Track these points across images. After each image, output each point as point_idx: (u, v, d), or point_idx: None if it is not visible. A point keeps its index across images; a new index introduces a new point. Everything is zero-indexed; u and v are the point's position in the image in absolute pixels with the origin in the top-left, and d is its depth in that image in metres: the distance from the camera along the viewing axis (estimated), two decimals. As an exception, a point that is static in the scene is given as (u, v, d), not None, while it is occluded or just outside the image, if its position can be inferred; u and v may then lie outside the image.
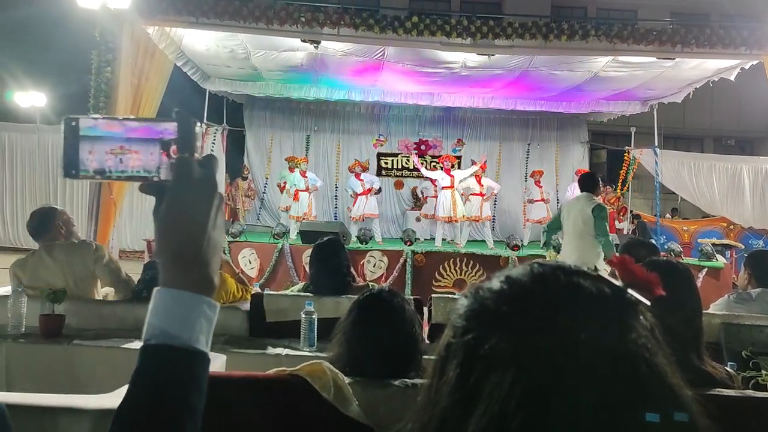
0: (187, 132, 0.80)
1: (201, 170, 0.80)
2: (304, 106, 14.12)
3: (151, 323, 0.75)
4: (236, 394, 1.88)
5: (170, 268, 0.77)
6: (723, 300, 3.85)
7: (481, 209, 11.17)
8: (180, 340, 0.74)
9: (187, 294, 0.76)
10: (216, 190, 0.80)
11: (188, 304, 0.76)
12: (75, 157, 0.78)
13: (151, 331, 0.75)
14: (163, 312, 0.75)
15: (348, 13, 8.68)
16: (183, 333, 0.75)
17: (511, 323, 0.61)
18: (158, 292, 0.77)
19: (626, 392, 0.56)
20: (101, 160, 0.78)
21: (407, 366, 1.96)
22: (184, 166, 0.79)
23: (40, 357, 3.12)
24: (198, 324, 0.76)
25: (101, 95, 8.15)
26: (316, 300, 3.36)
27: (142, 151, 0.79)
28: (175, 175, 0.79)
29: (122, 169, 0.79)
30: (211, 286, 0.79)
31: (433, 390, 0.65)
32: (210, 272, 0.79)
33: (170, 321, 0.75)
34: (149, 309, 0.76)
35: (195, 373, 0.76)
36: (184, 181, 0.78)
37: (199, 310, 0.76)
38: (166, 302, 0.76)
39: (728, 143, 20.68)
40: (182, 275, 0.77)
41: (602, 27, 8.93)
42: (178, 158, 0.79)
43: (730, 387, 1.96)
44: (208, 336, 0.77)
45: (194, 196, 0.78)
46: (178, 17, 8.32)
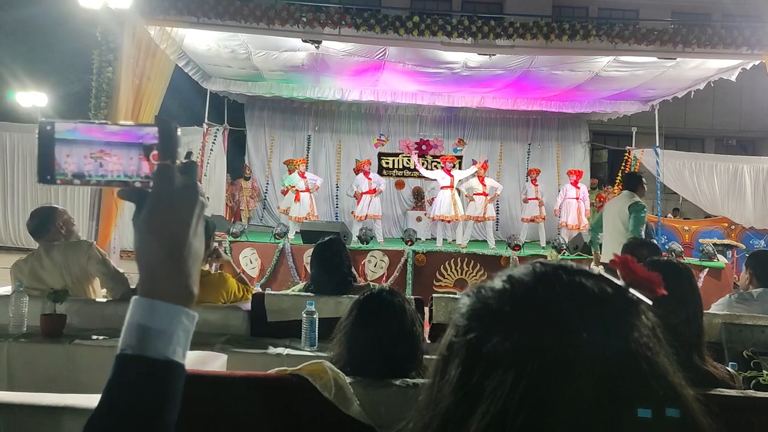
0: (169, 138, 0.78)
1: (182, 177, 0.78)
2: (305, 106, 14.13)
3: (127, 333, 0.74)
4: (237, 393, 1.88)
5: (149, 278, 0.76)
6: (724, 300, 3.84)
7: (484, 209, 11.16)
8: (156, 352, 0.72)
9: (165, 304, 0.74)
10: (198, 198, 0.79)
11: (166, 315, 0.74)
12: (50, 162, 0.76)
13: (128, 341, 0.73)
14: (141, 322, 0.74)
15: (349, 12, 8.68)
16: (160, 344, 0.73)
17: (513, 322, 0.61)
18: (136, 301, 0.75)
19: (628, 391, 0.56)
20: (80, 164, 0.76)
21: (408, 366, 1.96)
22: (165, 174, 0.77)
23: (42, 356, 3.12)
24: (176, 335, 0.74)
25: (102, 95, 8.16)
26: (316, 300, 3.36)
27: (122, 156, 0.77)
28: (156, 182, 0.77)
29: (102, 173, 0.77)
30: (191, 296, 0.77)
31: (435, 389, 0.65)
32: (190, 282, 0.78)
33: (147, 332, 0.73)
34: (126, 318, 0.75)
35: (170, 386, 0.74)
36: (165, 189, 0.77)
37: (177, 321, 0.75)
38: (143, 312, 0.74)
39: (729, 143, 20.67)
40: (161, 285, 0.75)
41: (603, 27, 8.93)
42: (159, 165, 0.77)
43: (732, 387, 1.96)
44: (185, 347, 0.76)
45: (175, 205, 0.77)
46: (180, 17, 8.32)
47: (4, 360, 3.12)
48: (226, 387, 1.90)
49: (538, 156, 14.66)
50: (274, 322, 3.54)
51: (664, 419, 0.56)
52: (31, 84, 14.64)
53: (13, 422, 1.83)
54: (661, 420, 0.56)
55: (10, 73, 15.44)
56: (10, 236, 13.20)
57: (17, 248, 12.21)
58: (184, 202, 0.77)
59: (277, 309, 3.56)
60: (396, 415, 1.69)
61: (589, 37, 8.76)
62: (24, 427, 1.91)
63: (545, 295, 0.62)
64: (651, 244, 4.35)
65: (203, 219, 0.80)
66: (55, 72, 16.16)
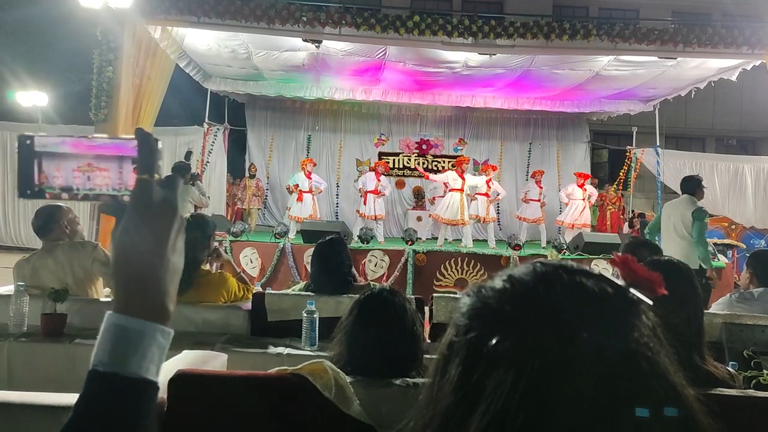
0: (147, 152, 0.77)
1: (161, 192, 0.76)
2: (306, 106, 14.13)
3: (100, 349, 0.72)
4: (238, 393, 1.88)
5: (123, 293, 0.74)
6: (725, 299, 3.84)
7: (487, 210, 11.15)
8: (129, 369, 0.71)
9: (139, 321, 0.73)
10: (176, 213, 0.77)
11: (140, 332, 0.73)
12: (30, 176, 0.75)
13: (100, 358, 0.72)
14: (113, 338, 0.72)
15: (349, 12, 8.69)
16: (133, 362, 0.71)
17: (514, 322, 0.61)
18: (109, 316, 0.73)
19: (628, 391, 0.56)
20: (68, 178, 0.76)
21: (408, 365, 1.96)
22: (142, 189, 0.76)
23: (42, 356, 3.12)
24: (149, 353, 0.73)
25: (103, 95, 8.17)
26: (317, 299, 3.36)
27: (110, 169, 0.76)
28: (133, 197, 0.76)
29: (90, 187, 0.76)
30: (166, 313, 0.75)
31: (435, 388, 0.65)
32: (166, 299, 0.76)
33: (120, 349, 0.72)
34: (99, 333, 0.73)
35: (142, 404, 0.72)
36: (142, 205, 0.75)
37: (152, 338, 0.73)
38: (117, 328, 0.72)
39: (730, 143, 20.67)
40: (136, 301, 0.74)
41: (604, 26, 8.94)
42: (137, 180, 0.76)
43: (732, 386, 1.96)
44: (159, 364, 0.74)
45: (151, 220, 0.75)
46: (180, 17, 8.32)
47: (4, 359, 3.12)
48: (227, 386, 1.90)
49: (538, 155, 14.66)
50: (275, 321, 3.54)
51: (663, 419, 0.56)
52: (31, 83, 14.64)
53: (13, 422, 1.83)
54: (661, 419, 0.56)
55: (10, 73, 15.44)
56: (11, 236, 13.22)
57: (18, 248, 12.23)
58: (161, 218, 0.76)
59: (278, 308, 3.56)
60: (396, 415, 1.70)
61: (590, 37, 8.77)
62: (24, 427, 1.91)
63: (546, 294, 0.62)
64: (652, 244, 4.35)
65: (183, 235, 0.79)
66: (55, 71, 16.16)
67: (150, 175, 0.76)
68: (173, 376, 1.85)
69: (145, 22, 8.24)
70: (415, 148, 14.65)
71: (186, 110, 13.92)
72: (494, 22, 8.90)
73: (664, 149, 12.59)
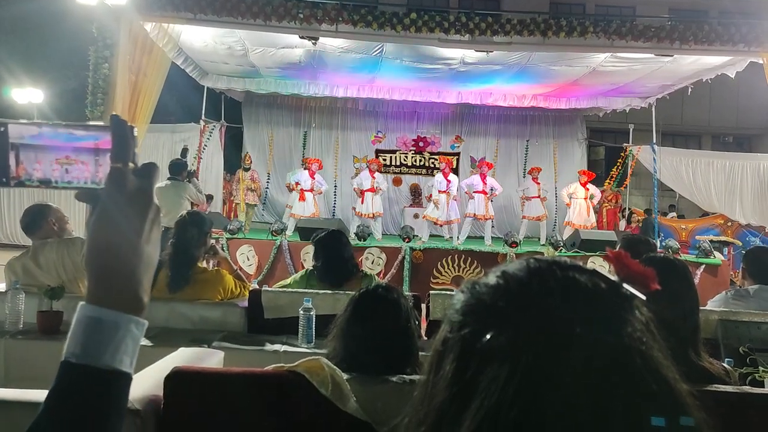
0: (121, 139, 0.75)
1: (136, 181, 0.75)
2: (303, 103, 14.11)
3: (72, 340, 0.71)
4: (234, 390, 1.88)
5: (97, 284, 0.73)
6: (720, 296, 3.86)
7: (486, 208, 11.17)
8: (102, 361, 0.70)
9: (113, 312, 0.72)
10: (151, 203, 0.76)
11: (113, 324, 0.71)
12: (4, 165, 0.73)
13: (72, 349, 0.71)
14: (85, 330, 0.71)
15: (346, 9, 8.67)
16: (106, 353, 0.70)
17: (507, 318, 0.61)
18: (82, 308, 0.72)
19: (621, 386, 0.56)
20: (46, 170, 0.74)
21: (404, 362, 1.96)
22: (115, 177, 0.74)
23: (39, 353, 3.12)
24: (123, 344, 0.72)
25: (99, 91, 8.15)
26: (314, 297, 3.36)
27: (89, 162, 0.75)
28: (106, 186, 0.74)
29: (68, 179, 0.75)
30: (140, 304, 0.74)
31: (430, 384, 0.65)
32: (140, 291, 0.74)
33: (93, 340, 0.70)
34: (72, 324, 0.72)
35: (115, 395, 0.72)
36: (115, 194, 0.74)
37: (126, 329, 0.72)
38: (89, 320, 0.71)
39: (726, 140, 20.71)
40: (109, 292, 0.73)
41: (601, 23, 8.94)
42: (110, 169, 0.74)
43: (727, 383, 1.96)
44: (133, 356, 0.73)
45: (126, 210, 0.74)
46: (176, 13, 8.30)
47: (1, 357, 3.12)
48: (223, 384, 1.90)
49: (535, 153, 14.67)
50: (272, 318, 3.54)
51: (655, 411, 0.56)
52: (27, 80, 14.61)
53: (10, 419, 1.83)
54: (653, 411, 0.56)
55: (6, 70, 15.40)
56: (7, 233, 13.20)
57: (14, 245, 12.20)
58: (135, 208, 0.75)
59: (275, 306, 3.56)
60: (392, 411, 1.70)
61: (586, 34, 8.77)
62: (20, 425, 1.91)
63: (539, 290, 0.62)
64: (647, 240, 4.35)
65: (158, 225, 0.77)
66: (51, 68, 16.12)
67: (124, 163, 0.75)
68: (169, 374, 1.85)
69: (141, 19, 8.22)
70: (411, 145, 14.65)
71: (183, 107, 13.89)
72: (491, 19, 8.89)
73: (660, 146, 12.59)
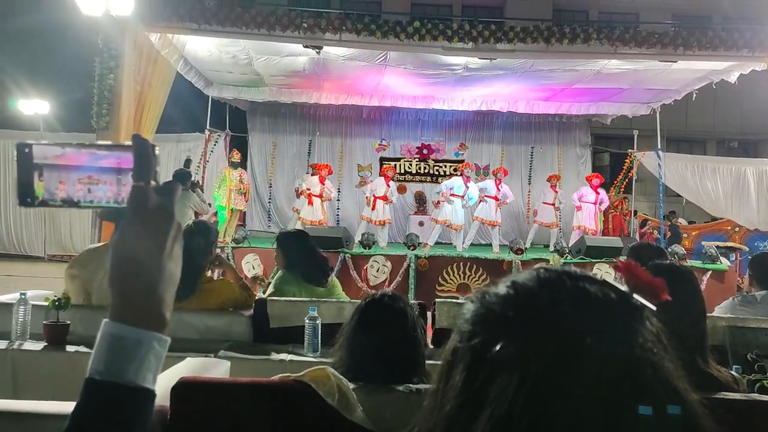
0: (143, 158, 0.76)
1: (158, 199, 0.76)
2: (307, 111, 14.14)
3: (96, 357, 0.72)
4: (241, 400, 1.88)
5: (120, 301, 0.74)
6: (728, 303, 3.84)
7: (496, 213, 11.13)
8: (126, 378, 0.71)
9: (136, 330, 0.73)
10: (173, 220, 0.77)
11: (137, 340, 0.72)
12: (30, 185, 0.75)
13: (96, 366, 0.72)
14: (109, 347, 0.72)
15: (350, 18, 8.71)
16: (129, 370, 0.71)
17: (517, 328, 0.61)
18: (106, 325, 0.73)
19: (631, 396, 0.56)
20: (69, 190, 0.75)
21: (410, 371, 1.96)
22: (137, 196, 0.75)
23: (46, 365, 3.13)
24: (146, 361, 0.73)
25: (104, 102, 8.19)
26: (319, 305, 3.36)
27: (112, 182, 0.76)
28: (129, 205, 0.75)
29: (91, 199, 0.76)
30: (163, 321, 0.75)
31: (440, 394, 0.65)
32: (162, 307, 0.75)
33: (116, 357, 0.72)
34: (96, 341, 0.73)
35: (139, 412, 0.72)
36: (138, 212, 0.75)
37: (149, 346, 0.73)
38: (113, 337, 0.72)
39: (731, 145, 20.66)
40: (132, 309, 0.74)
41: (604, 30, 8.95)
42: (132, 187, 0.76)
43: (736, 390, 1.95)
44: (156, 372, 0.74)
45: (148, 228, 0.75)
46: (181, 24, 8.35)
47: (8, 368, 3.12)
48: (229, 394, 1.90)
49: (540, 159, 14.64)
50: (277, 327, 3.54)
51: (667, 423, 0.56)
52: (33, 91, 14.67)
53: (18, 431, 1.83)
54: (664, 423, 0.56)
55: (12, 81, 15.49)
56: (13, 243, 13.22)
57: (19, 255, 12.25)
58: (158, 225, 0.76)
59: (280, 315, 3.56)
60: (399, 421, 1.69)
61: (590, 41, 8.79)
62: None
63: (549, 300, 0.62)
64: (655, 247, 4.34)
65: (180, 242, 0.78)
66: (57, 79, 16.20)
67: (146, 181, 0.76)
68: (176, 384, 1.84)
69: (146, 30, 8.27)
70: (416, 153, 14.66)
71: (187, 117, 13.94)
72: (494, 26, 8.92)
73: (665, 152, 12.57)
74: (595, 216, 11.59)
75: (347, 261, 9.14)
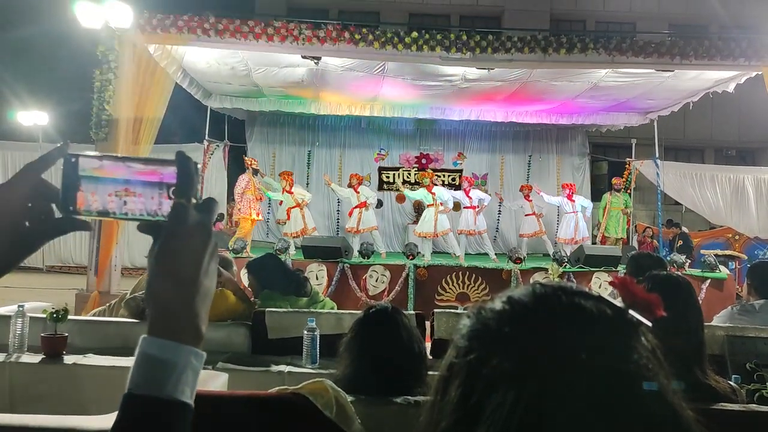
0: (187, 176, 0.78)
1: (198, 216, 0.78)
2: (306, 122, 14.17)
3: (136, 372, 0.73)
4: (239, 413, 1.87)
5: (159, 316, 0.76)
6: (726, 312, 3.83)
7: (475, 222, 11.00)
8: (165, 392, 0.72)
9: (174, 344, 0.74)
10: (211, 238, 0.78)
11: (175, 355, 0.74)
12: (74, 196, 0.76)
13: (136, 381, 0.73)
14: (148, 361, 0.73)
15: (348, 29, 8.74)
16: (168, 384, 0.72)
17: (513, 343, 0.61)
18: (144, 340, 0.75)
19: (627, 412, 0.56)
20: (104, 202, 0.77)
21: (409, 383, 1.96)
22: (180, 213, 0.76)
23: (43, 377, 3.12)
24: (184, 375, 0.74)
25: (103, 113, 8.21)
26: (317, 316, 3.36)
27: (145, 194, 0.77)
28: (170, 221, 0.77)
29: (125, 211, 0.77)
30: (199, 336, 0.77)
31: (436, 409, 0.65)
32: (199, 322, 0.77)
33: (155, 371, 0.73)
34: (135, 356, 0.74)
35: (177, 426, 0.74)
36: (179, 229, 0.76)
37: (186, 361, 0.74)
38: (152, 352, 0.74)
39: (729, 154, 20.68)
40: (170, 324, 0.75)
41: (601, 40, 8.99)
42: (174, 204, 0.77)
43: (734, 401, 1.95)
44: (193, 387, 0.75)
45: (188, 245, 0.76)
46: (180, 35, 8.38)
47: (6, 381, 3.11)
48: (228, 407, 1.90)
49: (538, 168, 14.67)
50: (275, 339, 3.54)
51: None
52: (32, 103, 14.71)
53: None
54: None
55: (11, 92, 15.51)
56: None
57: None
58: (198, 242, 0.77)
59: (278, 326, 3.56)
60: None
61: (587, 50, 8.82)
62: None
63: (545, 316, 0.62)
64: (654, 256, 4.34)
65: (216, 258, 0.80)
66: (56, 91, 16.23)
67: (187, 199, 0.77)
68: (174, 397, 1.83)
69: (145, 41, 8.30)
70: (414, 162, 14.69)
71: (186, 127, 13.95)
72: (492, 37, 8.95)
73: (663, 161, 12.60)
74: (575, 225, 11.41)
75: (346, 271, 9.14)
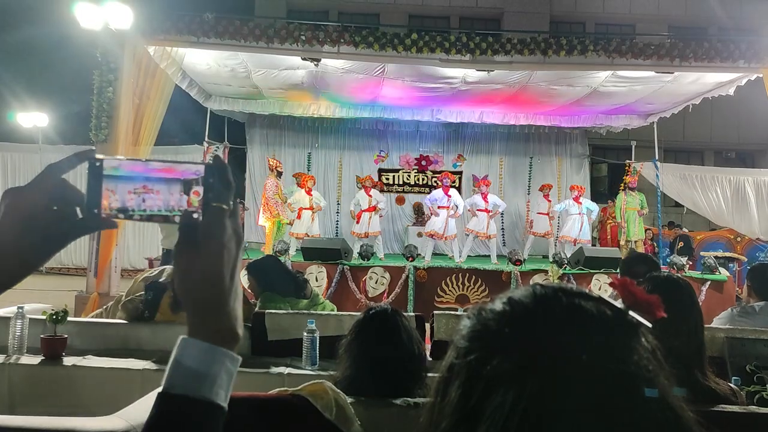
0: (225, 182, 0.79)
1: (233, 220, 0.79)
2: (305, 123, 14.17)
3: (172, 372, 0.74)
4: (238, 415, 1.87)
5: (198, 319, 0.77)
6: (726, 314, 3.83)
7: (488, 226, 11.09)
8: (200, 393, 0.73)
9: (211, 347, 0.75)
10: (242, 242, 0.80)
11: (212, 357, 0.75)
12: (98, 199, 0.78)
13: (172, 381, 0.74)
14: (186, 362, 0.74)
15: (348, 30, 8.75)
16: (204, 386, 0.74)
17: (513, 344, 0.61)
18: (183, 341, 0.76)
19: (627, 413, 0.56)
20: (123, 200, 0.78)
21: (409, 385, 1.96)
22: (219, 218, 0.77)
23: (43, 379, 3.11)
24: (219, 378, 0.75)
25: (103, 115, 8.21)
26: (317, 318, 3.36)
27: (162, 191, 0.78)
28: (211, 226, 0.77)
29: (144, 208, 0.78)
30: (236, 338, 0.78)
31: (436, 410, 0.65)
32: (235, 324, 0.78)
33: (193, 372, 0.74)
34: (172, 357, 0.75)
35: (210, 427, 0.74)
36: (219, 233, 0.77)
37: (221, 363, 0.75)
38: (190, 353, 0.75)
39: (729, 156, 20.69)
40: (208, 326, 0.76)
41: (600, 42, 9.00)
42: (212, 208, 0.77)
43: (734, 403, 1.95)
44: (227, 390, 0.76)
45: (225, 249, 0.77)
46: (179, 37, 8.39)
47: (5, 383, 3.11)
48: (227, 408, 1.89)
49: (538, 170, 14.68)
50: (275, 340, 3.53)
51: None
52: (32, 104, 14.71)
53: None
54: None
55: (11, 94, 15.52)
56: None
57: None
58: (233, 246, 0.78)
59: (278, 327, 3.55)
60: (398, 435, 1.69)
61: (587, 52, 8.83)
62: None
63: (545, 317, 0.62)
64: (649, 258, 4.33)
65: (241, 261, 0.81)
66: (56, 92, 16.25)
67: (226, 204, 0.78)
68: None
69: (145, 43, 8.30)
70: (414, 164, 14.69)
71: (186, 129, 13.96)
72: (492, 38, 8.96)
73: (663, 162, 12.59)
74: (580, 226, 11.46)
75: (346, 272, 9.14)
